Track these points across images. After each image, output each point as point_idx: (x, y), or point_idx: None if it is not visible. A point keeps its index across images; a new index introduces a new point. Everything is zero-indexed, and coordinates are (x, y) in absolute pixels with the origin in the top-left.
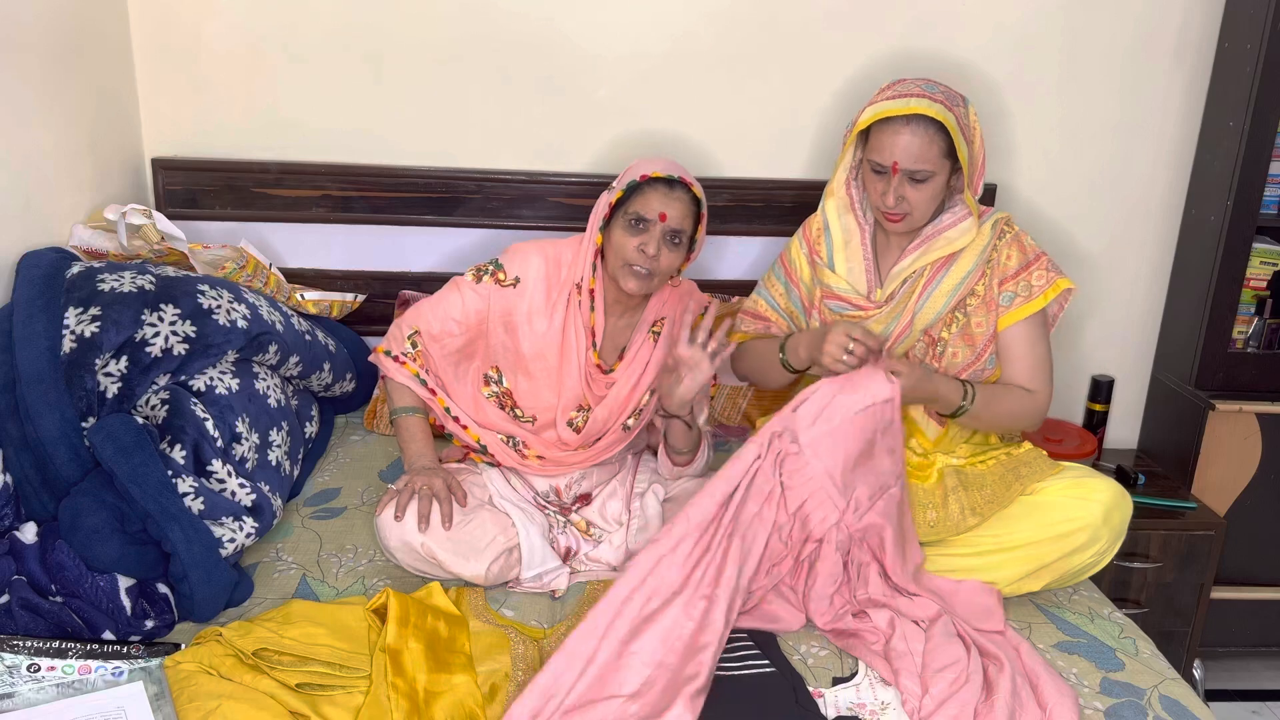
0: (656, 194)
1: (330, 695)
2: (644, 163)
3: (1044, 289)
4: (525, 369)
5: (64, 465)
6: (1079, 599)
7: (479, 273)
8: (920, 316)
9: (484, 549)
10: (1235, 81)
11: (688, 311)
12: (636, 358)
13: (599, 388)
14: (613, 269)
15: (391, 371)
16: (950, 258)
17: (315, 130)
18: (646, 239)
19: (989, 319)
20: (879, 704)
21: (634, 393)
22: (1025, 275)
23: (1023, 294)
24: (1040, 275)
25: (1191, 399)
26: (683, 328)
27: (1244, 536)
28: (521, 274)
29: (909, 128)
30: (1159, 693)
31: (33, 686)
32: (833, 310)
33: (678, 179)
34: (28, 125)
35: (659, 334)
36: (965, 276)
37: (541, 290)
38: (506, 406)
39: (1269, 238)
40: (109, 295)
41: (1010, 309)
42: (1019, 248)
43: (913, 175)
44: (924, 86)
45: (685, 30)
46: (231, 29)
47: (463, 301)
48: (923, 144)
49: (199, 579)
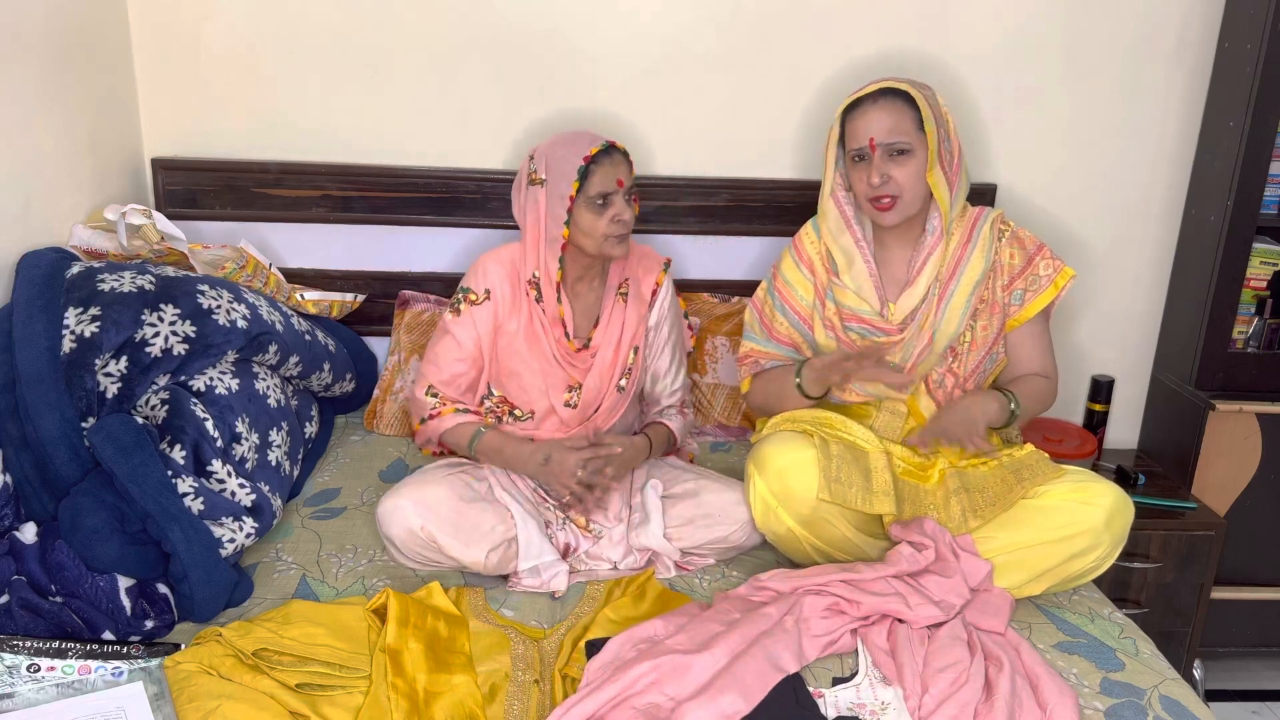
0: (604, 168)
1: (330, 695)
2: (562, 143)
3: (1052, 278)
4: (511, 370)
5: (64, 465)
6: (1079, 599)
7: (454, 306)
8: (941, 333)
9: (484, 535)
10: (1235, 81)
11: (649, 272)
12: (611, 321)
13: (582, 362)
14: (594, 248)
15: (437, 428)
16: (956, 269)
17: (315, 130)
18: (616, 209)
19: (995, 320)
20: (879, 704)
21: (617, 354)
22: (1031, 269)
23: (1032, 288)
24: (1046, 264)
25: (1191, 399)
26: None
27: (1244, 536)
28: (488, 285)
29: (877, 105)
30: (1159, 693)
31: (33, 686)
32: (855, 333)
33: (606, 144)
34: (28, 125)
35: (626, 294)
36: (975, 285)
37: (508, 294)
38: (504, 412)
39: (1269, 238)
40: (109, 295)
41: (1023, 306)
42: (1018, 244)
43: (891, 149)
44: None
45: (684, 31)
46: (231, 29)
47: (457, 341)
48: (894, 116)
49: (199, 579)
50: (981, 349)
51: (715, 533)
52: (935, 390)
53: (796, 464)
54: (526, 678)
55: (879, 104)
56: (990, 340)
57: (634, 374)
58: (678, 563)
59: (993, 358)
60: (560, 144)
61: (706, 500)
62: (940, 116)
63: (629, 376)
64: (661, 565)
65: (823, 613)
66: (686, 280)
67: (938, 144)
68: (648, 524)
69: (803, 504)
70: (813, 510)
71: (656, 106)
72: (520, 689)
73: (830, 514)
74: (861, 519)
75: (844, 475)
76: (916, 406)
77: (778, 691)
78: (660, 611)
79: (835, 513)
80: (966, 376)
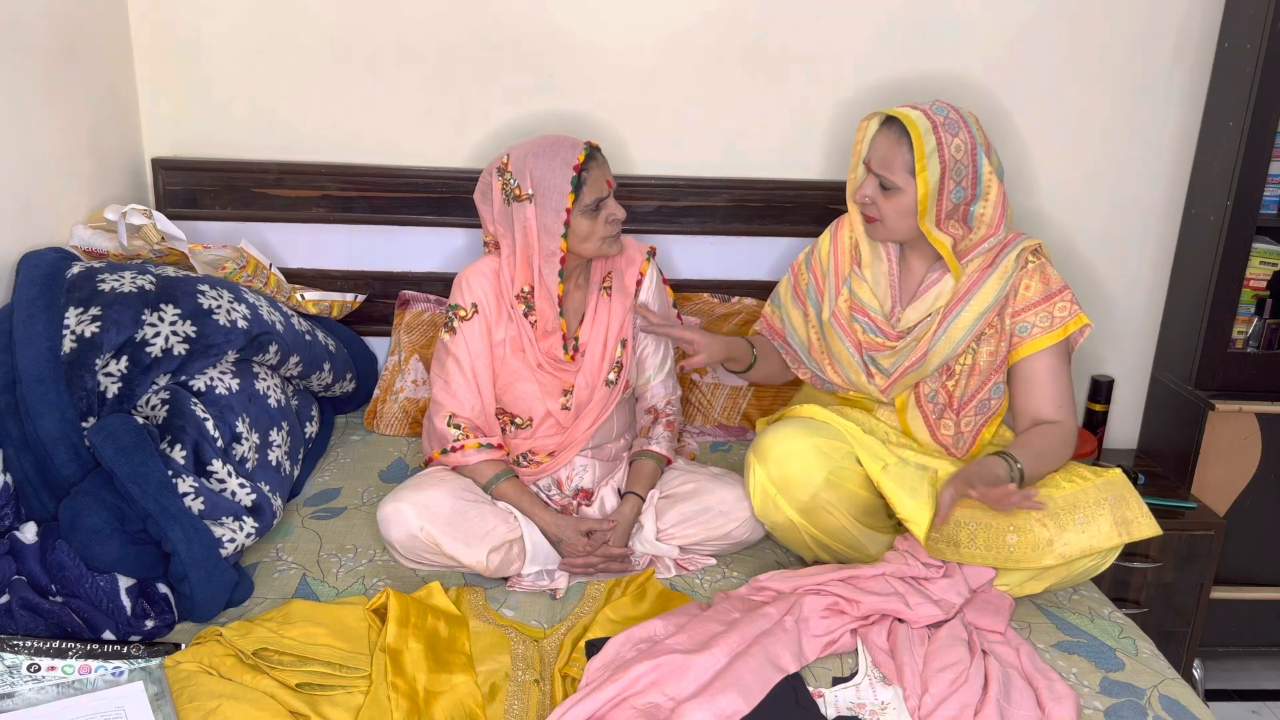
0: (594, 173)
1: (330, 695)
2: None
3: (1064, 321)
4: (504, 383)
5: (64, 465)
6: (1079, 599)
7: (448, 327)
8: (936, 351)
9: (484, 536)
10: (1235, 81)
11: (631, 263)
12: (597, 317)
13: (573, 364)
14: (591, 250)
15: (458, 462)
16: (969, 291)
17: (315, 130)
18: (609, 210)
19: (1000, 349)
20: (879, 704)
21: (605, 349)
22: (1047, 306)
23: (1042, 325)
24: (1064, 307)
25: (1191, 399)
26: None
27: (1244, 536)
28: (474, 299)
29: (884, 129)
30: (1159, 693)
31: (33, 686)
32: (860, 326)
33: (588, 146)
34: (28, 125)
35: (610, 288)
36: (985, 311)
37: (493, 305)
38: (505, 423)
39: (1269, 238)
40: (109, 295)
41: (1028, 339)
42: (1041, 279)
43: (881, 182)
44: (932, 104)
45: (684, 31)
46: (231, 29)
47: (459, 363)
48: (889, 147)
49: (199, 579)
50: (984, 374)
51: (716, 529)
52: (925, 404)
53: (796, 452)
54: (526, 677)
55: (885, 128)
56: (993, 368)
57: (623, 368)
58: (677, 561)
59: (996, 389)
60: (541, 155)
61: (707, 497)
62: (952, 164)
63: (618, 371)
64: (661, 565)
65: (822, 612)
66: (686, 280)
67: (937, 193)
68: (641, 531)
69: (802, 491)
70: (812, 498)
71: (656, 106)
72: (520, 689)
73: (829, 503)
74: (861, 509)
75: (848, 465)
76: (905, 420)
77: (777, 691)
78: (660, 611)
79: (834, 502)
80: (965, 401)
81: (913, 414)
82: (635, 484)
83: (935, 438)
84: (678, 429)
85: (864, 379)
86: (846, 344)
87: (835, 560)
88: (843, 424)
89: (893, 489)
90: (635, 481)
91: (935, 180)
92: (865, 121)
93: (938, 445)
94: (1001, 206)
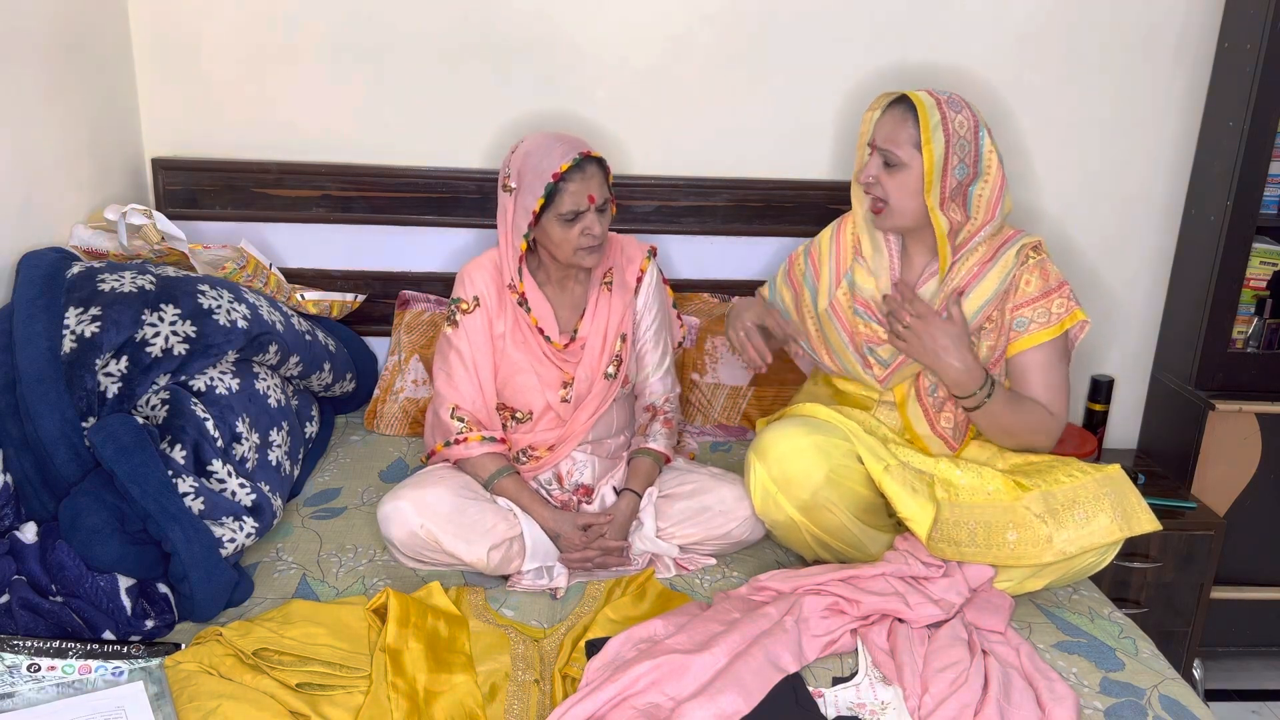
0: (575, 184)
1: (330, 695)
2: (536, 152)
3: (1060, 317)
4: (504, 376)
5: (64, 465)
6: (1079, 599)
7: (450, 319)
8: None
9: (485, 533)
10: (1235, 81)
11: (632, 261)
12: (597, 312)
13: (572, 355)
14: (565, 258)
15: (461, 455)
16: (969, 284)
17: (315, 130)
18: (586, 223)
19: (1000, 343)
20: (879, 704)
21: (605, 343)
22: (1045, 302)
23: (1040, 320)
24: (1061, 304)
25: (1191, 399)
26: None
27: (1243, 536)
28: (475, 293)
29: (889, 108)
30: (1159, 692)
31: (33, 686)
32: (860, 318)
33: (580, 156)
34: (28, 125)
35: (610, 284)
36: (984, 304)
37: (494, 297)
38: (506, 417)
39: (1269, 238)
40: (109, 295)
41: (1025, 334)
42: (1041, 274)
43: (885, 158)
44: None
45: (684, 31)
46: (231, 29)
47: (461, 355)
48: (894, 123)
49: (199, 579)
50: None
51: (716, 529)
52: (925, 397)
53: (797, 450)
54: (526, 677)
55: (890, 109)
56: (992, 362)
57: (623, 362)
58: (677, 561)
59: None
60: (535, 152)
61: (707, 496)
62: (956, 139)
63: (617, 365)
64: (661, 565)
65: (822, 612)
66: (686, 280)
67: (941, 166)
68: (641, 528)
69: (803, 489)
70: (813, 496)
71: (656, 106)
72: (520, 689)
73: (830, 501)
74: (861, 508)
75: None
76: (905, 414)
77: (777, 691)
78: (660, 611)
79: (835, 500)
80: None
81: (913, 407)
82: (632, 481)
83: (935, 430)
84: (676, 427)
85: (859, 368)
86: (842, 335)
87: (835, 559)
88: (844, 423)
89: (894, 488)
90: (632, 478)
91: (940, 152)
92: (869, 113)
93: (937, 436)
94: (999, 190)
